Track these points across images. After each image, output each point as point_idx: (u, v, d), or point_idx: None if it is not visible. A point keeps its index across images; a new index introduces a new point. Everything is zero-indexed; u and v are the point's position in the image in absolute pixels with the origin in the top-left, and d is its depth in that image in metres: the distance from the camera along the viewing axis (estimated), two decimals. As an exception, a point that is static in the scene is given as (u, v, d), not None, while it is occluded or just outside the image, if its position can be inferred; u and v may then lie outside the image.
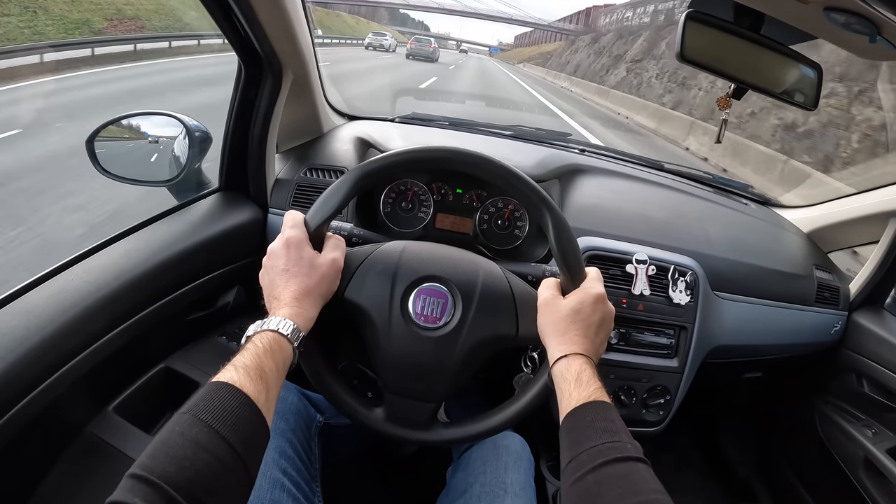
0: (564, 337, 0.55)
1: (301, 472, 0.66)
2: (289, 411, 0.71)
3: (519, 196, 0.62)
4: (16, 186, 2.85)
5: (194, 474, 0.37)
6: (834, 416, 1.04)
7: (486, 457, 0.71)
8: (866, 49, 0.65)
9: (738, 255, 0.97)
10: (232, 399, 0.43)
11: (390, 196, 0.92)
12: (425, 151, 0.63)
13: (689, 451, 1.34)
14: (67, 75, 6.49)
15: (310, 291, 0.55)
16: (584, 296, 0.57)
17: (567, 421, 0.50)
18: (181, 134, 0.88)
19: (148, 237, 0.76)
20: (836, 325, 1.03)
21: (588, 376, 0.52)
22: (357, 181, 0.60)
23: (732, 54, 0.67)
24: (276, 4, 0.71)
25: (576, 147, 1.21)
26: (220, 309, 0.89)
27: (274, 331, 0.50)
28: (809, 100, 0.72)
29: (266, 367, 0.47)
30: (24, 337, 0.55)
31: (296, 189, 0.93)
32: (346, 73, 10.99)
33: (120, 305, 0.66)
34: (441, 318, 0.60)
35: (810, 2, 0.55)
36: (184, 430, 0.40)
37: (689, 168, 1.24)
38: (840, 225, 1.06)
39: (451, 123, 1.24)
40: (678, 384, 0.88)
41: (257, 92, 0.84)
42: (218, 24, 0.74)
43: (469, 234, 0.92)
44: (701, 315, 0.87)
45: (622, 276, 0.85)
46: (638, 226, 0.94)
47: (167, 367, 0.80)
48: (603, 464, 0.44)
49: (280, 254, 0.56)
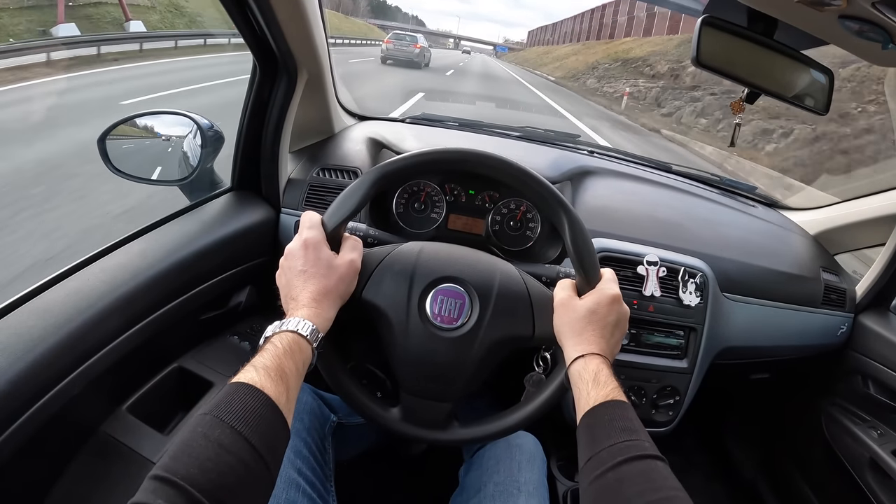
0: (581, 337, 0.56)
1: (316, 472, 0.67)
2: (304, 411, 0.71)
3: (534, 197, 0.63)
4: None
5: (217, 476, 0.37)
6: (840, 417, 1.05)
7: (499, 456, 0.72)
8: (877, 55, 0.66)
9: (747, 257, 0.98)
10: (253, 400, 0.43)
11: (403, 197, 0.92)
12: (443, 153, 0.64)
13: (695, 452, 1.34)
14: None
15: (328, 292, 0.55)
16: (600, 296, 0.58)
17: (585, 419, 0.50)
18: (193, 133, 0.88)
19: (162, 236, 0.76)
20: (843, 326, 1.03)
21: (605, 376, 0.52)
22: (375, 182, 0.61)
23: (746, 59, 0.67)
24: (295, 4, 0.71)
25: (585, 148, 1.21)
26: (232, 308, 0.89)
27: (293, 332, 0.50)
28: (820, 104, 0.73)
29: (286, 367, 0.47)
30: (42, 337, 0.55)
31: (308, 189, 0.93)
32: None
33: (135, 305, 0.66)
34: (458, 318, 0.61)
35: (825, 10, 0.56)
36: (206, 432, 0.40)
37: (696, 170, 1.25)
38: (847, 227, 1.07)
39: (461, 124, 1.25)
40: (687, 385, 0.89)
41: (272, 91, 0.84)
42: (235, 23, 0.74)
43: (481, 234, 0.93)
44: (710, 316, 0.87)
45: (633, 278, 0.86)
46: (648, 227, 0.95)
47: (180, 367, 0.80)
48: (623, 461, 0.45)
49: (298, 255, 0.56)
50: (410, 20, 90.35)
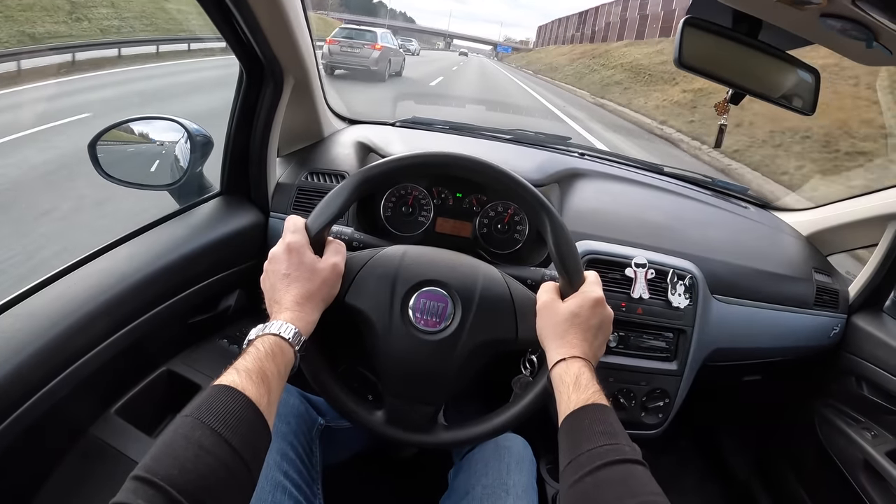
0: (563, 340, 0.56)
1: (302, 475, 0.67)
2: (290, 414, 0.71)
3: (518, 201, 0.63)
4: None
5: (197, 477, 0.38)
6: (833, 418, 1.04)
7: (487, 458, 0.72)
8: (862, 54, 0.66)
9: (738, 259, 0.97)
10: (234, 402, 0.43)
11: (391, 200, 0.92)
12: (425, 157, 0.64)
13: (689, 454, 1.34)
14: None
15: (311, 296, 0.56)
16: (582, 299, 0.58)
17: (566, 423, 0.50)
18: (183, 138, 0.88)
19: (150, 241, 0.76)
20: (836, 327, 1.03)
21: (587, 379, 0.52)
22: (357, 186, 0.61)
23: (730, 60, 0.67)
24: (278, 9, 0.71)
25: (575, 151, 1.21)
26: (221, 312, 0.89)
27: (275, 335, 0.50)
28: (807, 104, 0.72)
29: (268, 370, 0.47)
30: (28, 341, 0.56)
31: (297, 193, 0.93)
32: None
33: (122, 309, 0.67)
34: (441, 321, 0.61)
35: (806, 9, 0.56)
36: (187, 433, 0.40)
37: (688, 171, 1.25)
38: (839, 228, 1.07)
39: (452, 127, 1.25)
40: (677, 387, 0.88)
41: (258, 96, 0.85)
42: (219, 30, 0.74)
43: (469, 237, 0.93)
44: (700, 318, 0.87)
45: (621, 280, 0.85)
46: (637, 229, 0.94)
47: (169, 370, 0.80)
48: (601, 466, 0.44)
49: (281, 258, 0.57)
50: (398, 17, 62.37)
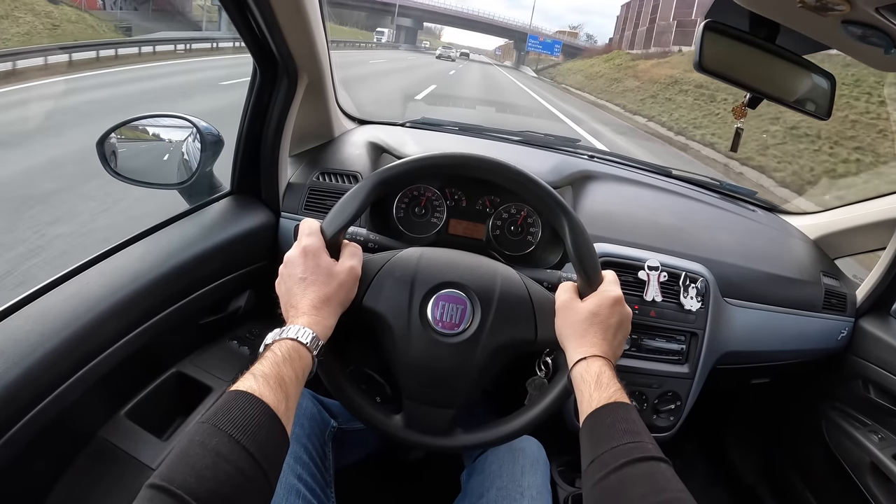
0: (583, 339, 0.56)
1: (316, 478, 0.66)
2: (304, 416, 0.70)
3: (536, 202, 0.63)
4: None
5: (215, 484, 0.37)
6: (840, 421, 1.05)
7: (502, 460, 0.71)
8: (879, 60, 0.66)
9: (747, 262, 0.98)
10: (252, 408, 0.42)
11: (403, 201, 0.92)
12: (443, 158, 0.64)
13: (695, 457, 1.34)
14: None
15: (328, 300, 0.55)
16: (601, 298, 0.58)
17: (588, 422, 0.50)
18: (193, 136, 0.87)
19: (162, 240, 0.75)
20: (843, 331, 1.03)
21: (608, 378, 0.52)
22: (374, 188, 0.60)
23: (748, 64, 0.67)
24: (296, 6, 0.71)
25: (585, 153, 1.21)
26: (231, 313, 0.88)
27: (293, 339, 0.50)
28: (822, 109, 0.73)
29: (285, 375, 0.47)
30: (39, 342, 0.55)
31: (308, 193, 0.93)
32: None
33: (135, 310, 0.66)
34: (460, 324, 0.60)
35: (828, 15, 0.56)
36: (204, 440, 0.39)
37: (696, 174, 1.25)
38: (847, 232, 1.07)
39: (461, 128, 1.25)
40: (689, 390, 0.88)
41: (272, 94, 0.84)
42: (235, 26, 0.74)
43: (482, 239, 0.92)
44: (711, 321, 0.87)
45: (634, 283, 0.85)
46: (648, 232, 0.95)
47: (178, 372, 0.79)
48: (626, 463, 0.44)
49: (297, 262, 0.56)
50: (401, 28, 49.11)
